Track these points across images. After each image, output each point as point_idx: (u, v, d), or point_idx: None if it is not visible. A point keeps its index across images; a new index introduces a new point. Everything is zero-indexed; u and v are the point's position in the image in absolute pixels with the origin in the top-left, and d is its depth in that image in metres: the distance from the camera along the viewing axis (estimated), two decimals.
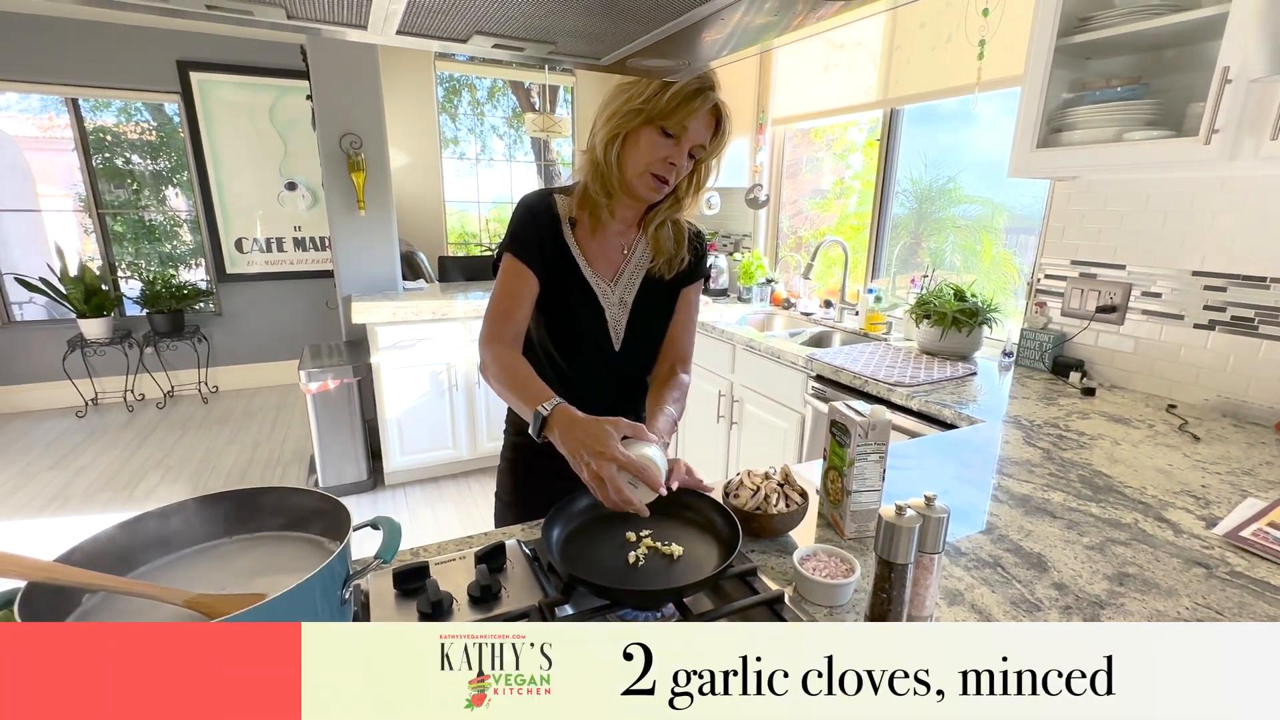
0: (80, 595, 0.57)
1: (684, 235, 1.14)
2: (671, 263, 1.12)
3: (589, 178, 1.04)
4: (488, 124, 5.24)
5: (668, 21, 0.61)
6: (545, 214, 1.06)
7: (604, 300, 1.08)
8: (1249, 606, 0.78)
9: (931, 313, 2.07)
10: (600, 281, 1.08)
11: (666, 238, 1.11)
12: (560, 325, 1.09)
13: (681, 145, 0.97)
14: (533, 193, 1.09)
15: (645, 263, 1.12)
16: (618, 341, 1.10)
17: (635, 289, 1.10)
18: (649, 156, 0.97)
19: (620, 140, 0.99)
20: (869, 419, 0.87)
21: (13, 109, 4.01)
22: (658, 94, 0.94)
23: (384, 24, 0.60)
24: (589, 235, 1.08)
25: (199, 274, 4.57)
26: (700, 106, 0.94)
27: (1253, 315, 1.53)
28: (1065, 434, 1.39)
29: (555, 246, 1.06)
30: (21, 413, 4.14)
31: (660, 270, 1.11)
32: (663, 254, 1.11)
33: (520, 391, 0.93)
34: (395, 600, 0.76)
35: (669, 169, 0.98)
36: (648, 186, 1.01)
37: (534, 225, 1.05)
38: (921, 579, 0.66)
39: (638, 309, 1.10)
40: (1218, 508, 1.05)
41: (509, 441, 1.21)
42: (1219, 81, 1.23)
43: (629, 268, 1.11)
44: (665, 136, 0.96)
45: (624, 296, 1.10)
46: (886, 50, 2.62)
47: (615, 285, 1.09)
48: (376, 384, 2.93)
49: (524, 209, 1.06)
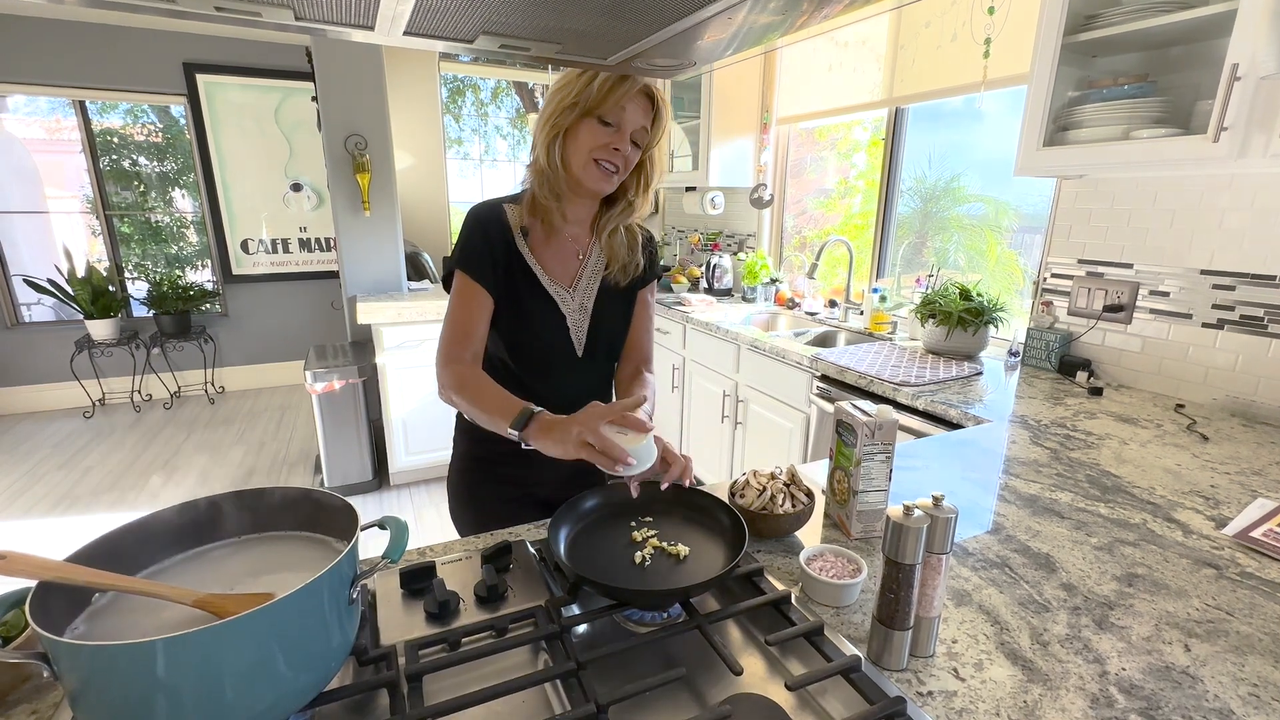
0: (90, 594, 0.58)
1: (637, 240, 1.14)
2: (626, 269, 1.11)
3: (535, 184, 1.04)
4: (491, 125, 5.25)
5: (674, 21, 0.60)
6: (495, 225, 1.04)
7: (564, 307, 1.07)
8: (1260, 608, 0.78)
9: (937, 312, 2.06)
10: (559, 288, 1.07)
11: (620, 244, 1.11)
12: (521, 336, 1.07)
13: (623, 131, 0.97)
14: (481, 204, 1.07)
15: (600, 267, 1.11)
16: (580, 347, 1.09)
17: (594, 293, 1.10)
18: (590, 144, 0.97)
19: (560, 138, 0.99)
20: (875, 419, 0.87)
21: (20, 111, 4.04)
22: (588, 85, 0.94)
23: (391, 25, 0.60)
24: (543, 242, 1.07)
25: (205, 275, 4.60)
26: (631, 88, 0.94)
27: (1262, 314, 1.52)
28: (1072, 434, 1.39)
29: (508, 257, 1.04)
30: (30, 413, 4.17)
31: (615, 277, 1.11)
32: (617, 260, 1.10)
33: (487, 407, 0.92)
34: (402, 600, 0.76)
35: (614, 154, 0.98)
36: (595, 177, 0.99)
37: (484, 238, 1.03)
38: (929, 579, 0.66)
39: (598, 312, 1.10)
40: (1227, 508, 1.05)
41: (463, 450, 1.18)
42: (1228, 79, 1.23)
43: (586, 272, 1.10)
44: (604, 125, 0.96)
45: (584, 302, 1.09)
46: (891, 49, 2.61)
47: (574, 291, 1.08)
48: (381, 384, 2.93)
49: (473, 221, 1.04)
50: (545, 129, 0.99)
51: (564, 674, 0.62)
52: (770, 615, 0.74)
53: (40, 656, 0.49)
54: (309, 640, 0.54)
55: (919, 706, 0.61)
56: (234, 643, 0.49)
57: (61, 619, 0.54)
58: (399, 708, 0.58)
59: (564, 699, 0.62)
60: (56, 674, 0.48)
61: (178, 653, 0.46)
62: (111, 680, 0.47)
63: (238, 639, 0.49)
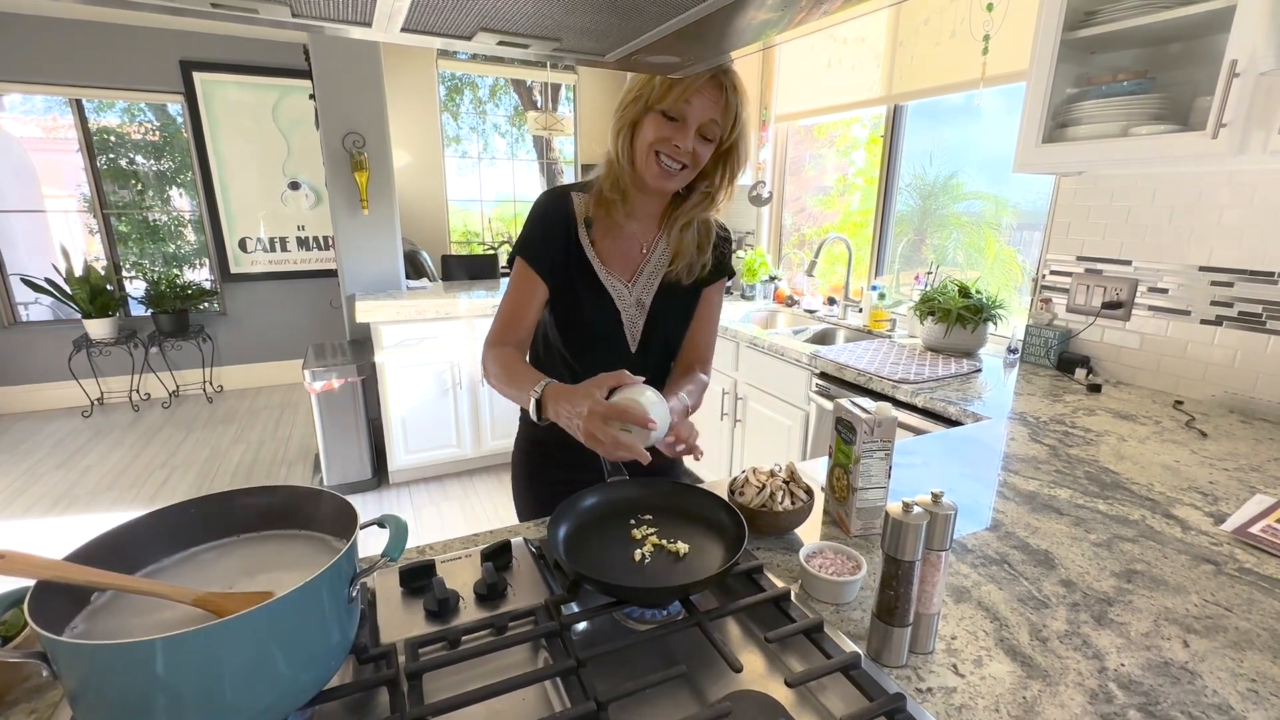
0: (89, 594, 0.57)
1: (709, 239, 1.10)
2: (691, 268, 1.08)
3: (604, 176, 1.03)
4: (490, 122, 5.24)
5: (673, 17, 0.60)
6: (558, 214, 1.04)
7: (619, 301, 1.06)
8: (1258, 603, 0.78)
9: (936, 309, 2.06)
10: (616, 282, 1.05)
11: (690, 240, 1.07)
12: (574, 327, 1.07)
13: (686, 126, 0.93)
14: (550, 190, 1.06)
15: (664, 263, 1.08)
16: (634, 343, 1.08)
17: (653, 290, 1.07)
18: (652, 139, 0.95)
19: (628, 131, 0.97)
20: (875, 416, 0.87)
21: (17, 110, 4.02)
22: (652, 78, 0.92)
23: (389, 21, 0.59)
24: (606, 234, 1.05)
25: (203, 274, 4.59)
26: (695, 81, 0.90)
27: (1260, 310, 1.52)
28: (1071, 430, 1.39)
29: (568, 247, 1.04)
30: (28, 413, 4.16)
31: (678, 275, 1.08)
32: (683, 257, 1.07)
33: (515, 384, 0.93)
34: (402, 598, 0.76)
35: (675, 150, 0.94)
36: (655, 173, 0.97)
37: (545, 226, 1.03)
38: (929, 576, 0.66)
39: (656, 310, 1.08)
40: (1226, 504, 1.05)
41: (525, 433, 1.22)
42: (1226, 75, 1.23)
43: (648, 268, 1.07)
44: (668, 120, 0.93)
45: (641, 297, 1.07)
46: (890, 46, 2.60)
47: (633, 286, 1.07)
48: (380, 383, 2.93)
49: (538, 210, 1.05)
50: (614, 121, 0.98)
51: (564, 672, 0.62)
52: (770, 612, 0.74)
53: (39, 656, 0.48)
54: (308, 638, 0.54)
55: (918, 703, 0.61)
56: (233, 641, 0.48)
57: (60, 618, 0.54)
58: (399, 706, 0.58)
59: (564, 697, 0.62)
60: (56, 673, 0.48)
61: (177, 652, 0.46)
62: (111, 679, 0.47)
63: (237, 637, 0.49)
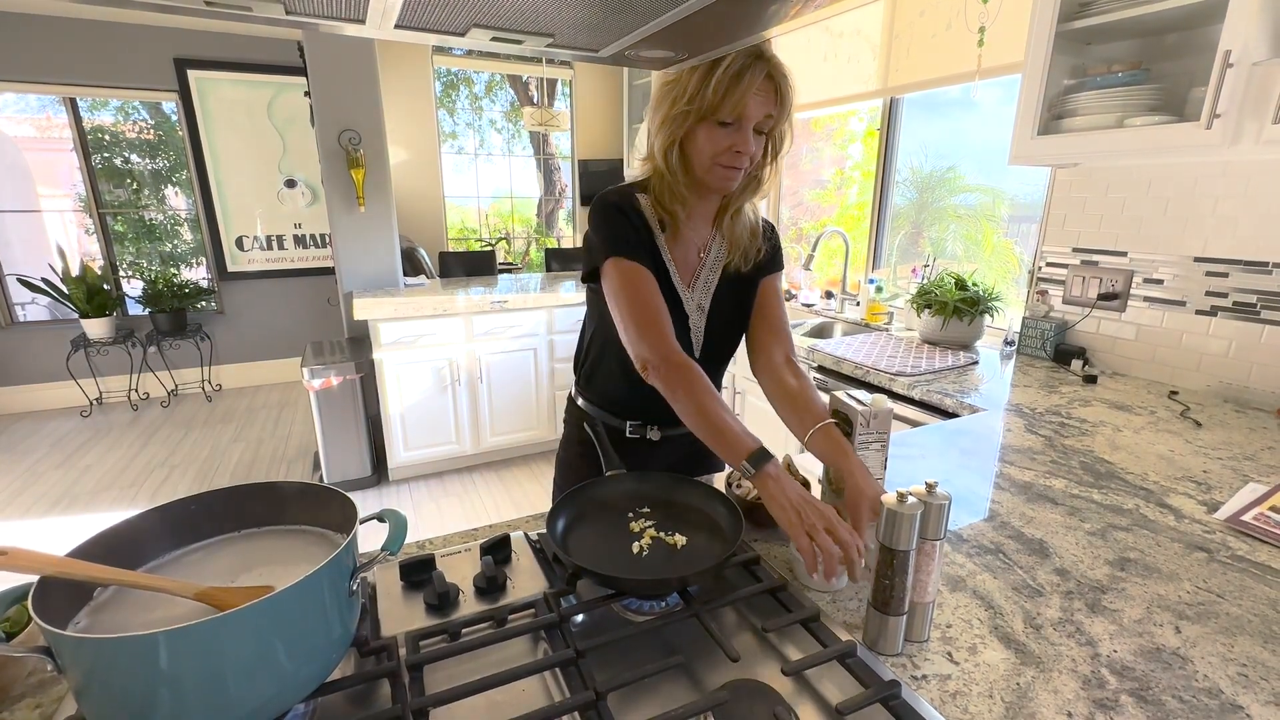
0: (92, 589, 0.58)
1: (759, 221, 1.08)
2: (748, 254, 1.05)
3: (656, 186, 0.99)
4: (486, 118, 5.22)
5: (666, 12, 0.60)
6: (637, 215, 0.99)
7: (686, 306, 1.04)
8: (1250, 590, 0.79)
9: (933, 302, 2.07)
10: (683, 287, 1.04)
11: (743, 228, 1.04)
12: None
13: (744, 129, 0.90)
14: (613, 190, 1.01)
15: (720, 263, 1.06)
16: (698, 349, 1.06)
17: (710, 293, 1.06)
18: (711, 150, 0.91)
19: (678, 145, 0.94)
20: (870, 408, 0.88)
21: (10, 109, 4.00)
22: (702, 87, 0.87)
23: (382, 18, 0.59)
24: (672, 239, 1.03)
25: (200, 272, 4.58)
26: (750, 84, 0.86)
27: (1255, 300, 1.53)
28: (1067, 421, 1.40)
29: (650, 250, 0.99)
30: (27, 413, 4.16)
31: (737, 264, 1.05)
32: (738, 247, 1.04)
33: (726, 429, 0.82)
34: (402, 592, 0.77)
35: (736, 157, 0.92)
36: (720, 179, 0.95)
37: (630, 225, 0.98)
38: (924, 565, 0.67)
39: (714, 312, 1.06)
40: (1219, 493, 1.06)
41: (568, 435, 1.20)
42: (1220, 65, 1.23)
43: (704, 271, 1.06)
44: (723, 126, 0.90)
45: (701, 302, 1.05)
46: (886, 39, 2.60)
47: (693, 290, 1.05)
48: (379, 380, 2.93)
49: (614, 210, 0.98)
50: (662, 135, 0.94)
51: (563, 662, 0.63)
52: (767, 603, 0.75)
53: (44, 651, 0.49)
54: (310, 632, 0.55)
55: (914, 690, 0.62)
56: (235, 635, 0.49)
57: (64, 614, 0.54)
58: (400, 697, 0.59)
59: (563, 687, 0.63)
60: (60, 668, 0.49)
61: (180, 645, 0.47)
62: (115, 673, 0.47)
63: (239, 631, 0.49)
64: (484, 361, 3.11)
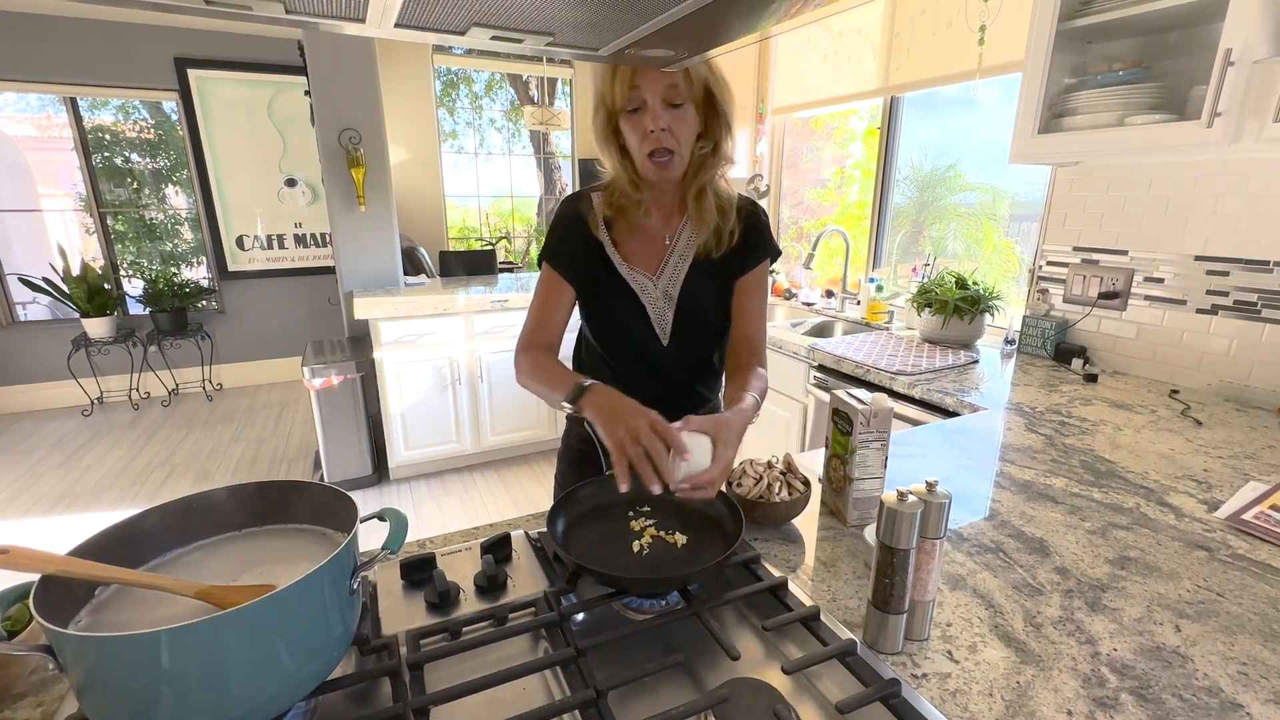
0: (93, 588, 0.58)
1: (731, 204, 1.06)
2: (720, 235, 1.04)
3: (612, 184, 1.04)
4: (486, 117, 5.22)
5: (667, 10, 0.60)
6: (576, 216, 1.05)
7: (644, 296, 1.06)
8: (1250, 588, 0.79)
9: (933, 301, 2.07)
10: (640, 276, 1.05)
11: (709, 209, 1.03)
12: (602, 324, 1.09)
13: (650, 110, 0.92)
14: (571, 195, 1.09)
15: (691, 249, 1.06)
16: (665, 336, 1.08)
17: (680, 280, 1.06)
18: (637, 141, 0.95)
19: (613, 145, 1.00)
20: (871, 407, 0.88)
21: (10, 109, 4.00)
22: (605, 89, 0.94)
23: (382, 17, 0.60)
24: (629, 235, 1.06)
25: (201, 272, 4.58)
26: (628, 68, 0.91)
27: (1255, 299, 1.53)
28: (1067, 420, 1.40)
29: (588, 247, 1.05)
30: (28, 412, 4.16)
31: (709, 247, 1.04)
32: (707, 226, 1.03)
33: (546, 381, 0.95)
34: (403, 591, 0.77)
35: (655, 140, 0.93)
36: (654, 171, 0.97)
37: (565, 230, 1.05)
38: (924, 564, 0.67)
39: (685, 299, 1.06)
40: (1220, 491, 1.06)
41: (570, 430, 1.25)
42: (1221, 64, 1.23)
43: (673, 258, 1.06)
44: (632, 113, 0.94)
45: (668, 290, 1.06)
46: (886, 37, 2.60)
47: (658, 279, 1.06)
48: (380, 379, 2.94)
49: (557, 218, 1.07)
50: (602, 145, 1.00)
51: (564, 661, 0.63)
52: (767, 601, 0.75)
53: (45, 649, 0.49)
54: (311, 630, 0.55)
55: (914, 688, 0.62)
56: (236, 633, 0.49)
57: (65, 612, 0.54)
58: (401, 696, 0.59)
59: (564, 685, 0.63)
60: (62, 666, 0.49)
61: (181, 644, 0.47)
62: (116, 671, 0.48)
63: (240, 629, 0.49)
64: (484, 360, 3.11)
